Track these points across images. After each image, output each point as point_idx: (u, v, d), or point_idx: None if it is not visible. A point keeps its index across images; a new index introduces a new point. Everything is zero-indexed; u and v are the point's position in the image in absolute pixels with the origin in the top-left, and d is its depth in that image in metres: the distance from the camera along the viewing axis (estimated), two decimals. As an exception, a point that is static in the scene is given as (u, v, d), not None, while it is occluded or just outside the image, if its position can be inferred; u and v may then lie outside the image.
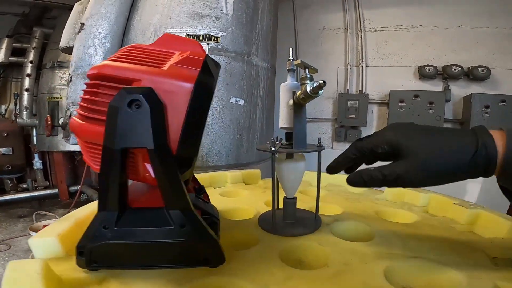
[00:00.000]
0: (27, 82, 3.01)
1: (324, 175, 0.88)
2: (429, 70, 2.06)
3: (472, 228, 0.50)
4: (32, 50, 3.01)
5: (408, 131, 0.34)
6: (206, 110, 0.31)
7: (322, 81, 0.35)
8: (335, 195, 0.74)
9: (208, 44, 1.27)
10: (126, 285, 0.31)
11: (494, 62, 2.00)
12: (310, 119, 2.46)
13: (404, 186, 0.34)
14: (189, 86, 0.29)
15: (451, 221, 0.55)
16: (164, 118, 0.28)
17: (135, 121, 0.27)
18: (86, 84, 0.32)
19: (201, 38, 1.26)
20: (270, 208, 0.57)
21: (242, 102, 1.36)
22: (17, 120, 2.97)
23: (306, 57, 2.54)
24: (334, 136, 2.39)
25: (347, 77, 2.37)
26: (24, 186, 3.13)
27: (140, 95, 0.27)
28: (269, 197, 0.53)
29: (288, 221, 0.51)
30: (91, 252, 0.31)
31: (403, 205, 0.65)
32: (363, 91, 2.28)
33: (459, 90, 2.04)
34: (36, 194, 3.03)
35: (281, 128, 0.49)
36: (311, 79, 0.40)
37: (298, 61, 0.40)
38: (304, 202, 0.60)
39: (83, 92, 0.32)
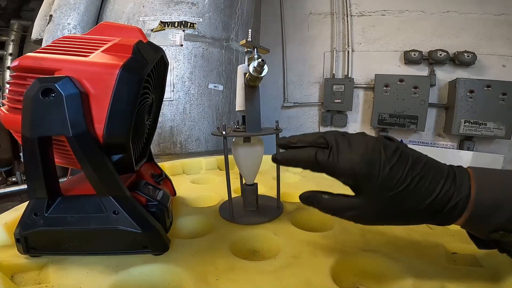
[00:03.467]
0: (8, 75, 2.95)
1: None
2: (414, 55, 2.04)
3: None
4: (11, 43, 2.95)
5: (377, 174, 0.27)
6: (135, 95, 0.30)
7: (261, 60, 0.34)
8: (308, 181, 0.74)
9: (184, 30, 1.23)
10: (64, 271, 0.31)
11: (481, 48, 1.99)
12: (297, 104, 2.46)
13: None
14: (112, 72, 0.28)
15: None
16: (84, 106, 0.27)
17: (51, 110, 0.26)
18: (10, 76, 0.32)
19: (176, 25, 1.23)
20: (239, 195, 0.57)
21: (221, 87, 1.34)
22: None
23: (292, 42, 2.51)
24: (321, 121, 2.39)
25: (333, 62, 2.35)
26: (13, 179, 3.10)
27: (54, 84, 0.26)
28: (222, 192, 0.53)
29: (249, 208, 0.51)
30: (26, 239, 0.30)
31: None
32: (349, 76, 2.26)
33: (445, 75, 2.03)
34: (26, 187, 3.00)
35: (237, 111, 0.48)
36: (262, 59, 0.38)
37: (244, 41, 0.39)
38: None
39: (8, 83, 0.31)
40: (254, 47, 0.39)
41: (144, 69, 0.31)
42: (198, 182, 0.74)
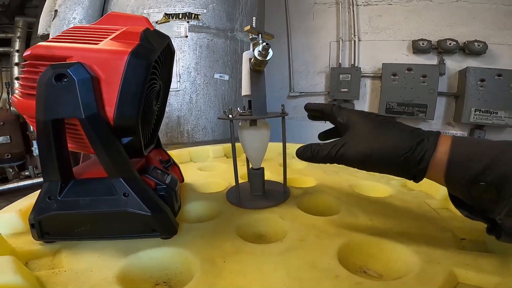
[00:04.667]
0: (16, 71, 2.99)
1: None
2: (423, 44, 2.00)
3: (447, 204, 0.47)
4: (17, 40, 2.99)
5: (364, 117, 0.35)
6: (144, 80, 0.31)
7: (265, 43, 0.35)
8: (314, 167, 0.74)
9: (188, 22, 1.23)
10: (76, 256, 0.33)
11: (491, 37, 1.93)
12: (303, 93, 2.45)
13: (344, 164, 0.35)
14: (121, 58, 0.29)
15: (426, 196, 0.53)
16: (95, 90, 0.28)
17: (64, 94, 0.27)
18: (22, 64, 0.33)
19: (181, 17, 1.22)
20: (246, 181, 0.58)
21: (227, 77, 1.34)
22: (11, 108, 2.97)
23: (297, 32, 2.48)
24: None
25: (339, 52, 2.32)
26: (26, 173, 3.18)
27: (67, 70, 0.27)
28: (230, 176, 0.53)
29: (256, 193, 0.51)
30: (40, 223, 0.32)
31: (381, 178, 0.63)
32: (356, 65, 2.24)
33: (455, 64, 1.98)
34: (39, 181, 3.08)
35: (243, 96, 0.48)
36: (267, 43, 0.38)
37: (248, 27, 0.39)
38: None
39: (21, 72, 0.32)
40: (258, 32, 0.40)
41: (152, 55, 0.32)
42: (205, 169, 0.75)
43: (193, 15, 1.23)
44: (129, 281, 0.30)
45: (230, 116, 0.43)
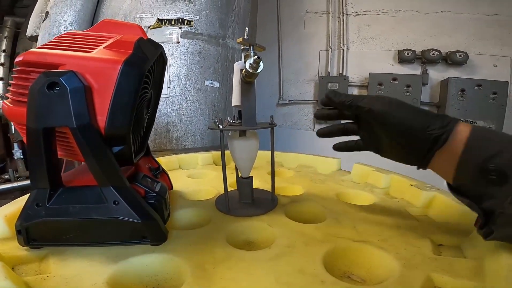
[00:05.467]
0: (1, 71, 2.90)
1: (296, 155, 0.89)
2: (408, 54, 2.08)
3: (427, 211, 0.50)
4: (4, 39, 2.91)
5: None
6: (136, 90, 0.31)
7: (257, 56, 0.36)
8: (302, 176, 0.76)
9: (181, 28, 1.24)
10: (64, 261, 0.32)
11: (473, 48, 2.03)
12: (292, 101, 2.48)
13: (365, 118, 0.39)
14: (115, 67, 0.30)
15: (408, 204, 0.54)
16: (87, 99, 0.28)
17: (55, 102, 0.27)
18: (14, 70, 0.33)
19: (173, 23, 1.23)
20: (235, 189, 0.59)
21: (217, 84, 1.35)
22: (-7, 109, 2.87)
23: (288, 40, 2.52)
24: (315, 119, 2.43)
25: (328, 60, 2.38)
26: (6, 177, 3.06)
27: (59, 78, 0.27)
28: (219, 183, 0.54)
29: (244, 201, 0.52)
30: (27, 230, 0.31)
31: (365, 186, 0.66)
32: (344, 74, 2.30)
33: (437, 74, 2.07)
34: (19, 184, 2.97)
35: (233, 106, 0.49)
36: (258, 56, 0.40)
37: (240, 39, 0.40)
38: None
39: (12, 78, 0.32)
40: (250, 44, 0.41)
41: (145, 64, 0.32)
42: (194, 176, 0.75)
43: (186, 21, 1.24)
44: (119, 287, 0.30)
45: (220, 126, 0.44)
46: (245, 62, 0.41)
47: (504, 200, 0.28)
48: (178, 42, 1.24)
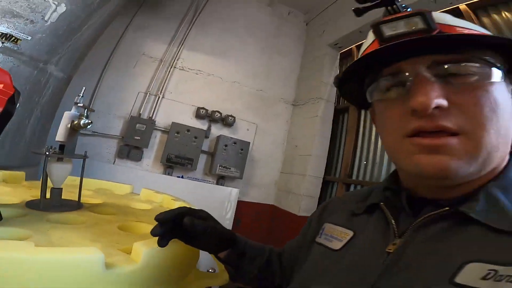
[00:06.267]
0: None
1: (96, 180, 1.14)
2: (202, 111, 2.76)
3: None
4: None
5: None
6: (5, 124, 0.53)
7: (89, 121, 0.67)
8: (101, 194, 1.03)
9: (3, 43, 1.19)
10: None
11: (240, 114, 2.94)
12: (96, 133, 2.47)
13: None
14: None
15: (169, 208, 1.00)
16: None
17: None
18: None
19: (-1, 35, 1.16)
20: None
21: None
22: None
23: (114, 74, 2.57)
24: (117, 153, 2.54)
25: (144, 103, 2.62)
26: None
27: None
28: (35, 193, 0.73)
29: (54, 204, 0.74)
30: None
31: (147, 201, 1.04)
32: (153, 118, 2.62)
33: (216, 130, 2.86)
34: None
35: (57, 140, 0.73)
36: (87, 117, 0.70)
37: (81, 104, 0.69)
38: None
39: None
40: (85, 108, 0.71)
41: (14, 109, 0.55)
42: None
43: (13, 37, 1.21)
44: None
45: (47, 153, 0.68)
46: (79, 117, 0.70)
47: None
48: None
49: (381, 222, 0.45)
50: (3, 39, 1.22)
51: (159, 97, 2.69)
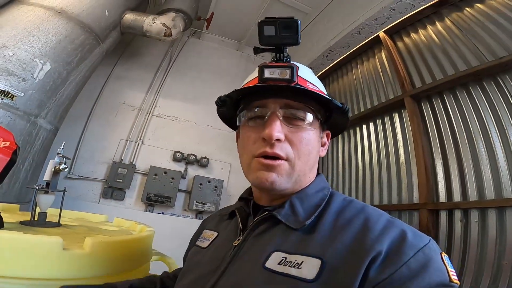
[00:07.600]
0: None
1: (75, 212, 1.43)
2: (178, 155, 3.06)
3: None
4: None
5: None
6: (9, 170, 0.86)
7: (65, 166, 1.01)
8: (78, 221, 1.31)
9: (2, 99, 1.43)
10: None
11: (214, 155, 3.18)
12: (82, 177, 2.73)
13: None
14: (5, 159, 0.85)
15: (132, 231, 1.28)
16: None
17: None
18: None
19: (-2, 92, 1.40)
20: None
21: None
22: None
23: (97, 123, 2.86)
24: (102, 194, 2.78)
25: (125, 149, 2.90)
26: None
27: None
28: (27, 218, 1.03)
29: (41, 222, 1.03)
30: None
31: (118, 227, 1.31)
32: (133, 163, 2.90)
33: (192, 171, 3.12)
34: None
35: (44, 180, 1.05)
36: (65, 163, 1.03)
37: (61, 154, 1.03)
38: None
39: None
40: (64, 156, 1.04)
41: (16, 159, 0.88)
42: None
43: (10, 94, 1.42)
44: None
45: (37, 187, 1.00)
46: (59, 164, 1.03)
47: None
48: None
49: (235, 224, 0.55)
50: (2, 95, 1.39)
51: (138, 143, 2.96)
